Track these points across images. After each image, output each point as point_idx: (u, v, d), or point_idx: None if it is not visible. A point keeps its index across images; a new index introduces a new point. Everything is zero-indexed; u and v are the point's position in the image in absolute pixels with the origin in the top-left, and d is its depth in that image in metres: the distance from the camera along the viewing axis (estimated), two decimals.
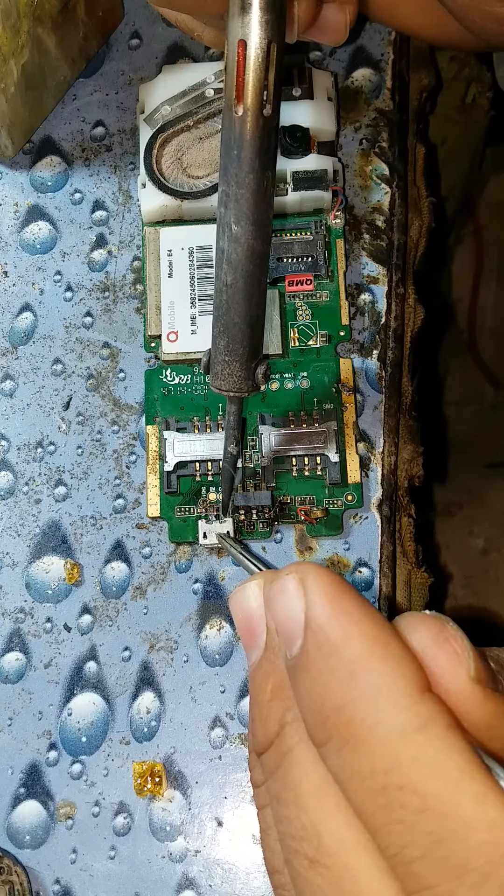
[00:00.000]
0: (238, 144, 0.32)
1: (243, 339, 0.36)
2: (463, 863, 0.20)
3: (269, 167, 0.32)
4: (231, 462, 0.41)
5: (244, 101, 0.31)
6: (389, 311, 0.49)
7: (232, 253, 0.33)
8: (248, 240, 0.33)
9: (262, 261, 0.34)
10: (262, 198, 0.33)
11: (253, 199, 0.32)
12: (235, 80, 0.31)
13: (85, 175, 0.53)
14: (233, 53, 0.31)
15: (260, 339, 0.37)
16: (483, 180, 0.73)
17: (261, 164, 0.32)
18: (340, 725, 0.23)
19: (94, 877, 0.43)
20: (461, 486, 0.68)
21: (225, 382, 0.37)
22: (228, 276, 0.34)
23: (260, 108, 0.31)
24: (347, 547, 0.46)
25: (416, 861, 0.21)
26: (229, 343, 0.36)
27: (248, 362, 0.36)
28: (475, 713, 0.23)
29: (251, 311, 0.35)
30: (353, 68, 0.53)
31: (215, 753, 0.44)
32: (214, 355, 0.36)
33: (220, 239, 0.34)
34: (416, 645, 0.23)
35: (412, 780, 0.21)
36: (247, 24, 0.30)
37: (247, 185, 0.32)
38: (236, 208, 0.33)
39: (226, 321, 0.35)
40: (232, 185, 0.32)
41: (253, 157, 0.32)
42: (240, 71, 0.31)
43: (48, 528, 0.47)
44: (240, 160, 0.32)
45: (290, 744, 0.25)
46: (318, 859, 0.23)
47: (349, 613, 0.24)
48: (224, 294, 0.35)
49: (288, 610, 0.25)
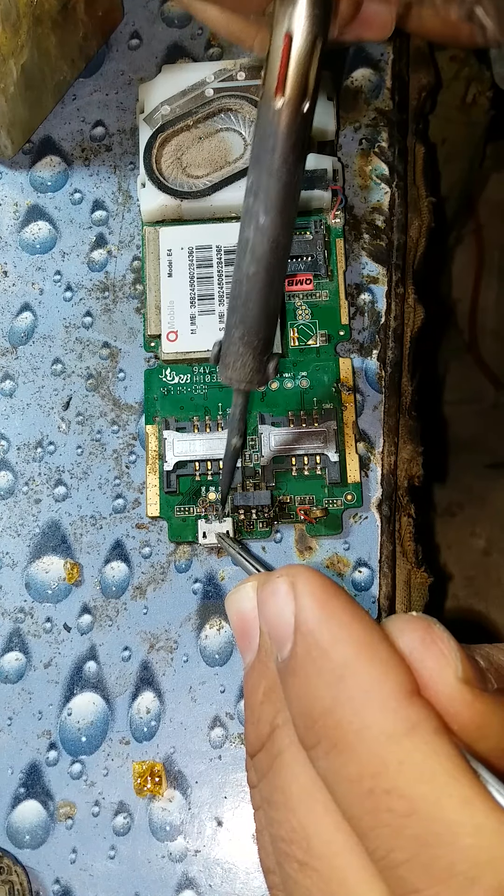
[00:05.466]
0: (273, 136, 0.31)
1: (259, 330, 0.35)
2: (449, 867, 0.20)
3: (301, 161, 0.32)
4: (233, 455, 0.41)
5: (285, 94, 0.31)
6: (389, 310, 0.49)
7: (257, 243, 0.33)
8: (274, 232, 0.33)
9: (284, 253, 0.34)
10: (292, 191, 0.33)
11: (283, 192, 0.32)
12: (278, 72, 0.31)
13: (85, 175, 0.53)
14: (277, 45, 0.31)
15: (273, 332, 0.36)
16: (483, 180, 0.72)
17: (294, 157, 0.32)
18: (329, 729, 0.23)
19: (94, 877, 0.43)
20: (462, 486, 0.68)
21: (236, 374, 0.36)
22: (251, 266, 0.34)
23: (300, 103, 0.31)
24: (347, 547, 0.46)
25: (402, 864, 0.21)
26: (245, 334, 0.35)
27: (262, 355, 0.36)
28: (464, 714, 0.23)
29: (270, 303, 0.35)
30: (353, 68, 0.53)
31: (215, 753, 0.44)
32: (227, 346, 0.36)
33: (246, 229, 0.33)
34: (403, 647, 0.23)
35: (399, 784, 0.21)
36: (294, 16, 0.30)
37: (279, 177, 0.32)
38: (266, 199, 0.32)
39: (243, 312, 0.35)
40: (263, 176, 0.32)
41: (288, 150, 0.32)
42: (283, 63, 0.31)
43: (48, 528, 0.47)
44: (274, 152, 0.32)
45: (281, 746, 0.25)
46: (307, 862, 0.23)
47: (338, 617, 0.24)
48: (244, 285, 0.34)
49: (278, 613, 0.25)
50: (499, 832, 0.20)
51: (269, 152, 0.32)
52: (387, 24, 0.38)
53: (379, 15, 0.37)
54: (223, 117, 0.50)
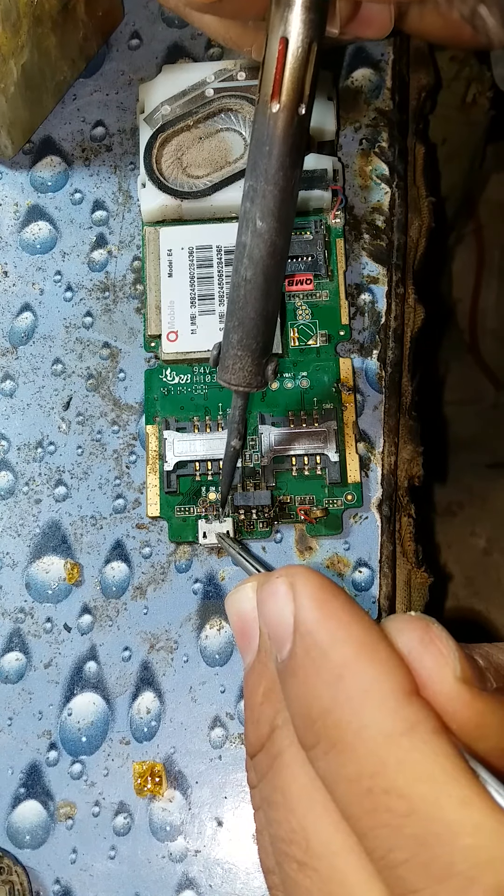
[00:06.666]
0: (270, 141, 0.31)
1: (258, 334, 0.35)
2: (448, 866, 0.20)
3: (298, 165, 0.32)
4: (232, 457, 0.41)
5: (280, 99, 0.31)
6: (389, 310, 0.49)
7: (254, 248, 0.33)
8: (272, 236, 0.33)
9: (282, 258, 0.34)
10: (289, 196, 0.33)
11: (280, 197, 0.32)
12: (274, 77, 0.31)
13: (85, 175, 0.53)
14: (273, 50, 0.31)
15: (272, 335, 0.36)
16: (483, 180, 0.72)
17: (291, 161, 0.32)
18: (328, 729, 0.23)
19: (94, 877, 0.43)
20: (463, 486, 0.68)
21: (235, 377, 0.37)
22: (248, 270, 0.34)
23: (296, 107, 0.31)
24: (347, 547, 0.46)
25: (401, 864, 0.21)
26: (243, 338, 0.35)
27: (260, 358, 0.36)
28: (463, 713, 0.23)
29: (268, 306, 0.35)
30: (353, 68, 0.53)
31: (215, 753, 0.44)
32: (226, 349, 0.36)
33: (243, 234, 0.33)
34: (402, 647, 0.23)
35: (398, 784, 0.21)
36: (290, 21, 0.30)
37: (275, 182, 0.32)
38: (262, 204, 0.33)
39: (241, 316, 0.35)
40: (260, 181, 0.32)
41: (284, 154, 0.32)
42: (279, 68, 0.31)
43: (48, 528, 0.47)
44: (270, 157, 0.32)
45: (280, 747, 0.25)
46: (306, 862, 0.23)
47: (337, 617, 0.24)
48: (242, 289, 0.34)
49: (277, 613, 0.25)
50: (498, 832, 0.20)
51: (265, 157, 0.32)
52: (385, 23, 0.38)
53: (378, 14, 0.37)
54: (223, 117, 0.50)
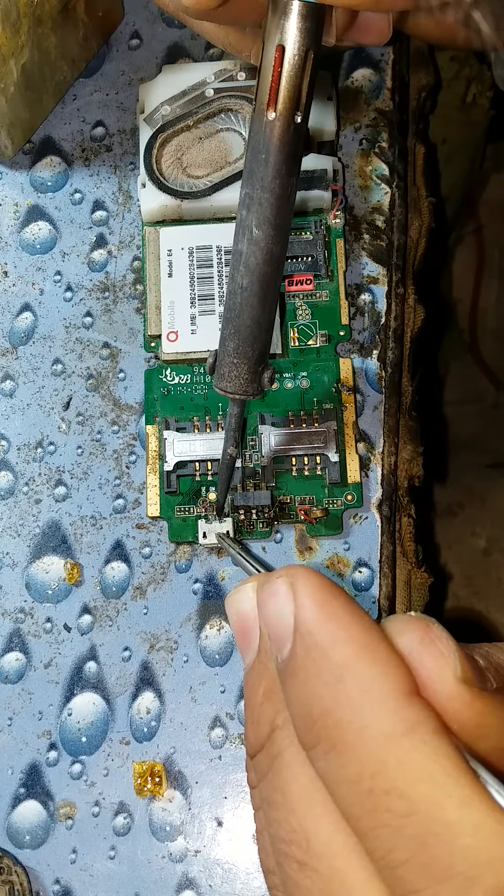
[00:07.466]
0: (266, 149, 0.31)
1: (254, 342, 0.35)
2: (448, 867, 0.20)
3: (294, 173, 0.32)
4: (229, 464, 0.41)
5: (277, 107, 0.31)
6: (389, 311, 0.49)
7: (250, 256, 0.33)
8: (268, 244, 0.33)
9: (278, 265, 0.34)
10: (285, 203, 0.33)
11: (277, 204, 0.32)
12: (270, 85, 0.31)
13: (85, 175, 0.53)
14: (269, 58, 0.31)
15: (269, 343, 0.36)
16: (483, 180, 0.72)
17: (287, 169, 0.32)
18: (328, 729, 0.23)
19: (94, 877, 0.43)
20: (463, 486, 0.68)
21: (231, 384, 0.37)
22: (245, 278, 0.34)
23: (292, 115, 0.31)
24: (347, 547, 0.46)
25: (402, 865, 0.21)
26: (239, 345, 0.35)
27: (256, 366, 0.36)
28: (463, 713, 0.23)
29: (264, 314, 0.35)
30: (353, 68, 0.53)
31: (215, 753, 0.44)
32: (222, 357, 0.36)
33: (239, 241, 0.33)
34: (402, 647, 0.23)
35: (398, 784, 0.21)
36: (286, 29, 0.30)
37: (271, 190, 0.32)
38: (259, 212, 0.32)
39: (238, 323, 0.35)
40: (256, 189, 0.32)
41: (281, 162, 0.32)
42: (275, 76, 0.31)
43: (48, 528, 0.47)
44: (267, 164, 0.32)
45: (280, 747, 0.25)
46: (306, 862, 0.23)
47: (338, 617, 0.24)
48: (238, 296, 0.34)
49: (278, 613, 0.25)
50: (498, 832, 0.20)
51: (261, 165, 0.32)
52: (384, 29, 0.38)
53: (376, 21, 0.37)
54: (223, 117, 0.50)
